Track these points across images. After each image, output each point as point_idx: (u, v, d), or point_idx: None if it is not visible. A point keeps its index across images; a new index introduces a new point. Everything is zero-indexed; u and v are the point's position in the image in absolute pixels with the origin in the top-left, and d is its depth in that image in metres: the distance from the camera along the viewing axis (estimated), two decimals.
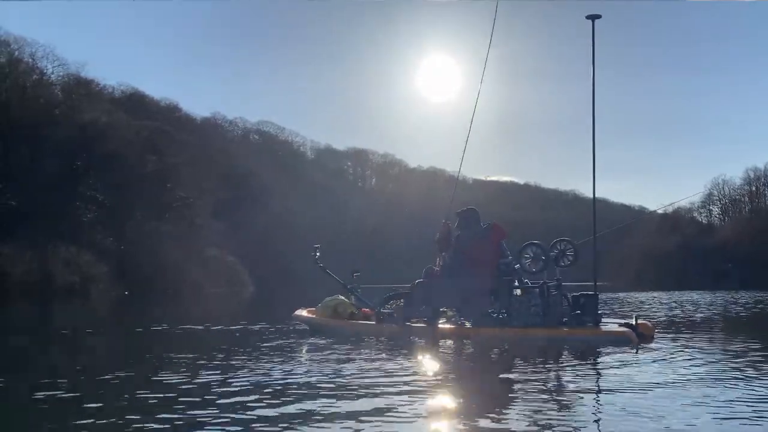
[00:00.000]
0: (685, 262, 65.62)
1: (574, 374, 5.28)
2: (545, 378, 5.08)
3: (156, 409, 3.92)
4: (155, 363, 6.15)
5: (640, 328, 7.67)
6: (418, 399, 4.17)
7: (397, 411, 3.81)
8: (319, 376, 5.10)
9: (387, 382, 4.72)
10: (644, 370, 5.40)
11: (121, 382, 5.03)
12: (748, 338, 8.19)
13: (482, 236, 8.21)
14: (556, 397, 4.32)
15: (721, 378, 4.90)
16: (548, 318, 7.71)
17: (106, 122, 45.40)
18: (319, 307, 9.09)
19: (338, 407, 3.94)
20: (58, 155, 42.89)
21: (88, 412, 3.92)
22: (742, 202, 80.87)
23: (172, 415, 3.75)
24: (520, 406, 3.98)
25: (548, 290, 7.78)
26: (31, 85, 46.31)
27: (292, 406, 3.99)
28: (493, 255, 8.18)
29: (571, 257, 8.21)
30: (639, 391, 4.42)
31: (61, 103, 46.73)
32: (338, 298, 9.09)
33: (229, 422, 3.58)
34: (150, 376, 5.21)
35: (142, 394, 4.42)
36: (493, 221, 8.43)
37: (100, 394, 4.53)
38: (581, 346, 7.12)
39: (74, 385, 4.89)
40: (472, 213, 8.49)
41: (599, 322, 7.81)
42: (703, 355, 6.24)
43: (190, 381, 4.90)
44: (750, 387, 4.51)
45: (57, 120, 44.16)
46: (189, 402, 4.12)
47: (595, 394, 4.46)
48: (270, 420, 3.62)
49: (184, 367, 5.71)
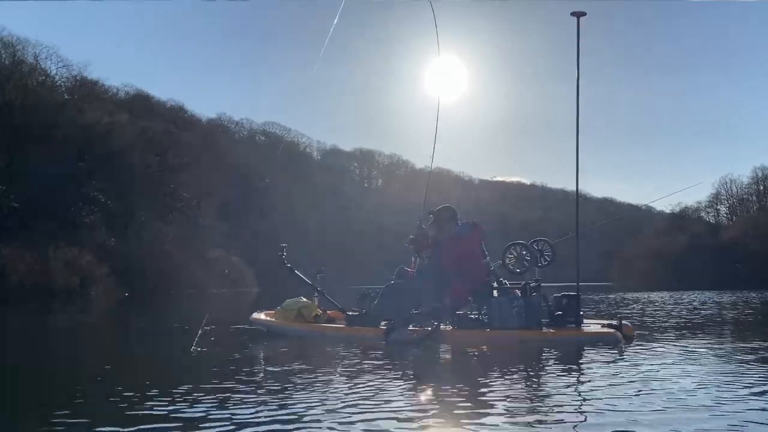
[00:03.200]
0: (693, 262, 65.11)
1: (559, 376, 5.07)
2: (528, 381, 4.89)
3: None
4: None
5: (623, 329, 7.52)
6: (393, 404, 3.94)
7: (371, 415, 3.62)
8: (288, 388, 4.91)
9: (360, 391, 4.47)
10: (629, 370, 5.22)
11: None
12: (738, 339, 7.95)
13: (464, 235, 7.96)
14: (539, 401, 4.12)
15: (705, 381, 4.71)
16: (530, 319, 7.51)
17: (109, 123, 45.43)
18: (280, 310, 8.63)
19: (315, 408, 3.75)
20: (61, 156, 42.97)
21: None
22: (750, 201, 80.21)
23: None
24: (503, 411, 3.79)
25: (530, 291, 7.58)
26: (35, 87, 46.42)
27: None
28: (478, 254, 7.97)
29: (549, 257, 8.05)
30: (625, 392, 4.28)
31: (65, 105, 46.79)
32: (302, 300, 8.68)
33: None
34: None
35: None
36: (473, 220, 8.18)
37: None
38: (565, 347, 6.94)
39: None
40: (448, 211, 8.20)
41: (581, 323, 7.62)
42: (686, 356, 6.00)
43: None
44: (732, 388, 4.34)
45: (61, 121, 44.21)
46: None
47: (580, 396, 4.27)
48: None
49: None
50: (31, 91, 45.08)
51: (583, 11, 8.01)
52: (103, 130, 44.41)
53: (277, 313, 8.72)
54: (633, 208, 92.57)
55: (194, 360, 6.30)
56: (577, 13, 8.07)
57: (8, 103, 42.97)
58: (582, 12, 8.05)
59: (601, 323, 7.81)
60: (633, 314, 12.94)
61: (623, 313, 12.14)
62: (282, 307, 8.63)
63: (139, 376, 5.38)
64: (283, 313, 8.57)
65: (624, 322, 7.65)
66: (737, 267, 61.81)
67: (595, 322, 8.00)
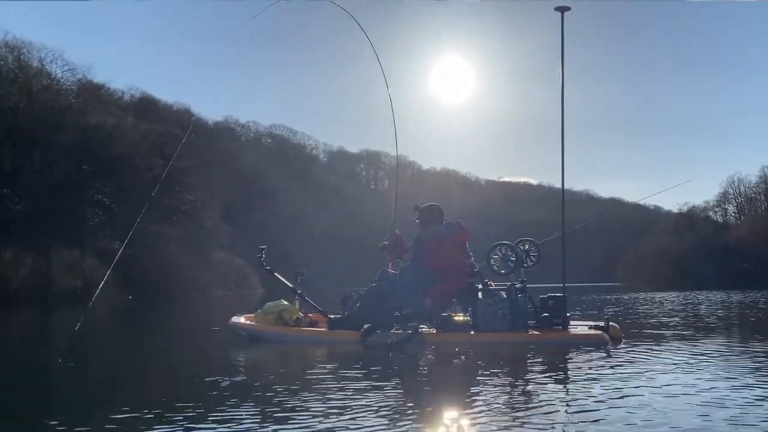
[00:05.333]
0: (700, 262, 64.71)
1: (542, 380, 4.91)
2: (510, 386, 4.73)
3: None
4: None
5: (610, 330, 7.37)
6: (372, 412, 3.78)
7: (347, 423, 3.49)
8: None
9: (341, 395, 4.31)
10: (615, 373, 5.09)
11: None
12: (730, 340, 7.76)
13: (448, 235, 7.80)
14: (520, 406, 3.99)
15: (687, 383, 4.58)
16: (515, 321, 7.36)
17: (112, 125, 45.41)
18: (260, 314, 8.38)
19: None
20: (65, 159, 42.98)
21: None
22: (758, 200, 79.57)
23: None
24: (483, 417, 3.66)
25: (515, 292, 7.43)
26: (40, 90, 46.43)
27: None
28: (462, 255, 7.82)
29: (534, 257, 7.89)
30: (611, 395, 4.17)
31: (70, 108, 46.76)
32: (282, 303, 8.45)
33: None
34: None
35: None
36: (457, 220, 8.01)
37: None
38: (550, 349, 6.78)
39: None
40: (435, 210, 8.01)
41: (568, 325, 7.46)
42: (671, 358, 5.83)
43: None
44: (715, 392, 4.23)
45: (65, 124, 44.20)
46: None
47: (567, 399, 4.16)
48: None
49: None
50: (35, 95, 45.09)
51: (568, 6, 7.87)
52: (106, 132, 44.36)
53: (257, 317, 8.47)
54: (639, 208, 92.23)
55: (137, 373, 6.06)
56: (561, 8, 7.94)
57: (13, 106, 43.00)
58: (566, 7, 7.92)
59: (587, 325, 7.65)
60: (630, 315, 12.78)
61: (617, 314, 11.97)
62: (262, 311, 8.39)
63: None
64: (263, 316, 8.32)
65: (611, 324, 7.50)
66: (745, 266, 61.35)
67: (582, 323, 7.83)
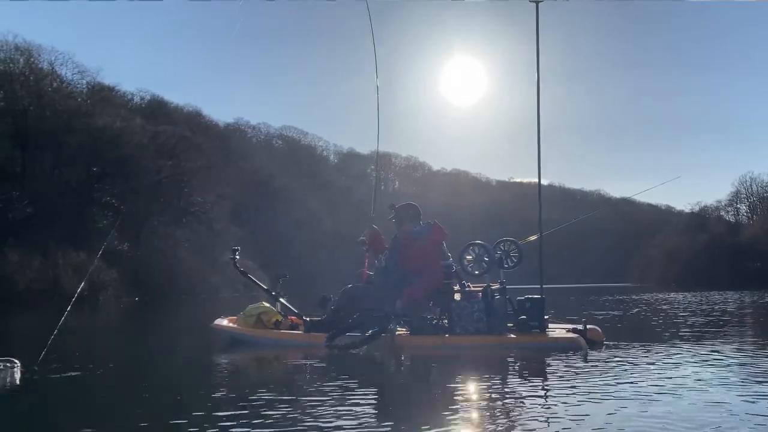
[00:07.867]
0: (713, 262, 64.10)
1: (511, 385, 4.81)
2: (491, 389, 4.61)
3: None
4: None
5: (589, 333, 7.25)
6: (341, 419, 3.67)
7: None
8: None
9: (314, 402, 4.19)
10: (591, 378, 4.94)
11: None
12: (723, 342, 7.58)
13: (424, 234, 7.68)
14: (502, 410, 3.90)
15: (660, 388, 4.43)
16: (491, 324, 7.24)
17: (120, 127, 45.63)
18: (241, 316, 8.40)
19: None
20: (74, 162, 43.28)
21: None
22: None
23: None
24: (465, 421, 3.59)
25: (492, 294, 7.31)
26: (50, 93, 46.76)
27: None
28: (437, 255, 7.71)
29: (515, 258, 7.77)
30: (587, 400, 4.07)
31: (80, 110, 47.03)
32: (262, 305, 8.44)
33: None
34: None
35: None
36: (434, 220, 7.90)
37: None
38: (528, 353, 6.67)
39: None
40: (411, 208, 7.88)
41: (546, 327, 7.34)
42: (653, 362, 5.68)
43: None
44: (691, 398, 4.11)
45: (75, 127, 44.49)
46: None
47: (543, 404, 4.06)
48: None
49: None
50: (45, 97, 45.42)
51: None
52: (114, 134, 44.59)
53: (238, 319, 8.52)
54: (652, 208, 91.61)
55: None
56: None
57: (23, 109, 43.33)
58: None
59: (566, 328, 7.53)
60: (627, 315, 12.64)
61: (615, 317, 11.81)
62: (243, 313, 8.41)
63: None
64: (243, 319, 8.35)
65: (590, 327, 7.36)
66: (757, 266, 60.75)
67: (561, 326, 7.71)
